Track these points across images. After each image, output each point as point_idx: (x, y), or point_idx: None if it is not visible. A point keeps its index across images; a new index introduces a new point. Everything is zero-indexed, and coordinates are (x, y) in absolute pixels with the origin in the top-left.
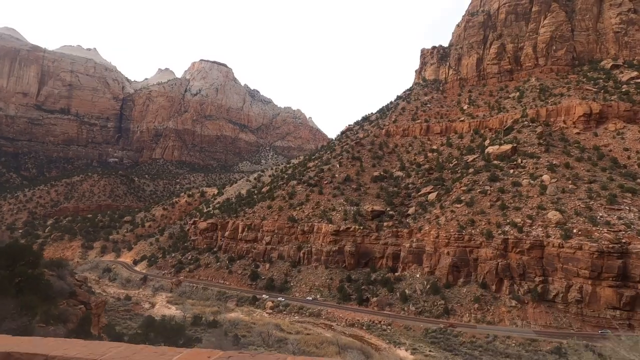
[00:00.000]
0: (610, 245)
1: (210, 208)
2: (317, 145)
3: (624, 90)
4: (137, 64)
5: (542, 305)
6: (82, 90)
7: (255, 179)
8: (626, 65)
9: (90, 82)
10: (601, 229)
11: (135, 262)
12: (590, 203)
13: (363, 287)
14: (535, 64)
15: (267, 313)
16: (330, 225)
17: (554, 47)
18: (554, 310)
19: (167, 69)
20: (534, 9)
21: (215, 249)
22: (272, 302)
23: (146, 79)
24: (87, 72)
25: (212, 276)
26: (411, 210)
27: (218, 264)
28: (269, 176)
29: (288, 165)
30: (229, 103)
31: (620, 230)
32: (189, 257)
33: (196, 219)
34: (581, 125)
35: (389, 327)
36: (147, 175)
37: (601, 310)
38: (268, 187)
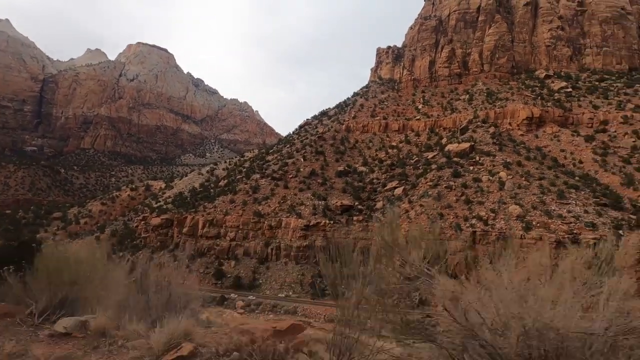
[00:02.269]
0: (566, 236)
1: (162, 203)
2: (265, 139)
3: (556, 98)
4: (62, 41)
5: None
6: None
7: (208, 172)
8: (556, 76)
9: (2, 57)
10: (556, 221)
11: None
12: (544, 198)
13: (336, 281)
14: (481, 69)
15: (238, 313)
16: (300, 220)
17: (497, 55)
18: None
19: (97, 50)
20: (480, 18)
21: (171, 247)
22: (243, 301)
23: (72, 59)
24: None
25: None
26: (379, 205)
27: (176, 262)
28: (223, 169)
29: (243, 159)
30: (170, 91)
31: (571, 222)
32: (141, 257)
33: (146, 215)
34: (524, 128)
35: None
36: (75, 167)
37: None
38: (226, 181)
